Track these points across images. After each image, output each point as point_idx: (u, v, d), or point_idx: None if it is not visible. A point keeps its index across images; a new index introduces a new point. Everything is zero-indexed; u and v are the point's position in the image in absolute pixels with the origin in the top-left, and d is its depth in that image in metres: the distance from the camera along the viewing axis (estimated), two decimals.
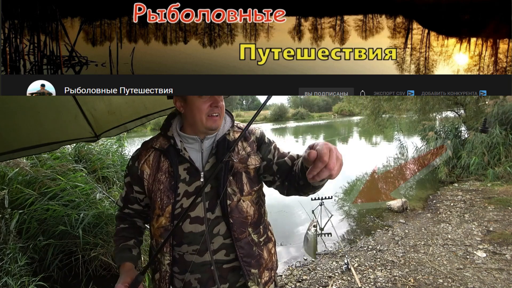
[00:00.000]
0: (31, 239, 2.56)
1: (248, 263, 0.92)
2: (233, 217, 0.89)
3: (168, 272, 0.92)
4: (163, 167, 0.92)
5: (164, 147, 0.93)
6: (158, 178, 0.92)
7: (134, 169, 0.97)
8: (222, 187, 0.88)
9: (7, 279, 2.03)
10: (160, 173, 0.92)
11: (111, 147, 4.55)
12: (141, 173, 0.94)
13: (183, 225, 0.88)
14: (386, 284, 2.49)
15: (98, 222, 2.83)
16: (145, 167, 0.94)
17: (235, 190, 0.91)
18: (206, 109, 0.88)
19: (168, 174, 0.91)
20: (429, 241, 3.21)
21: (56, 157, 3.28)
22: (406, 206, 4.31)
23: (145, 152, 0.97)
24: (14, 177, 2.77)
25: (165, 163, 0.92)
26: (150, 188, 0.93)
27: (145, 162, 0.95)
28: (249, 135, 0.99)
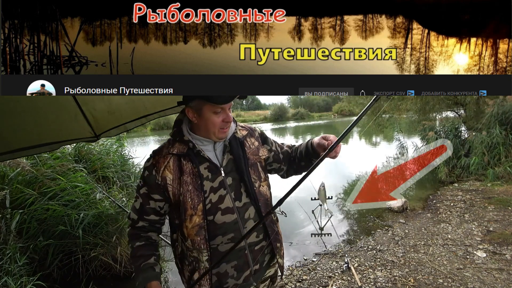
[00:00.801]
0: (31, 239, 2.56)
1: (276, 239, 1.09)
2: (260, 200, 1.03)
3: (207, 268, 0.98)
4: (186, 169, 0.97)
5: (184, 151, 0.97)
6: (184, 180, 0.96)
7: (152, 178, 0.97)
8: (247, 177, 1.00)
9: (6, 279, 2.03)
10: (185, 176, 0.96)
11: (111, 147, 4.55)
12: (163, 179, 0.96)
13: (215, 218, 0.97)
14: (386, 284, 2.49)
15: (98, 222, 2.83)
16: (167, 173, 0.97)
17: (255, 178, 1.04)
18: (219, 124, 0.95)
19: (193, 175, 0.96)
20: (429, 241, 3.21)
21: (56, 157, 3.27)
22: (406, 206, 4.31)
23: (162, 159, 0.98)
24: (14, 177, 2.76)
25: (187, 165, 0.97)
26: (177, 191, 0.96)
27: (165, 168, 0.97)
28: (253, 131, 1.12)
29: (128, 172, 4.31)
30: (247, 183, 1.00)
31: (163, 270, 3.08)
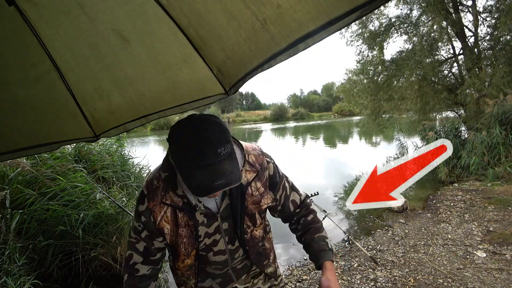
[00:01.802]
0: (31, 239, 2.56)
1: (259, 258, 1.07)
2: (249, 245, 0.99)
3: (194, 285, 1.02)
4: (182, 222, 0.90)
5: (179, 204, 0.87)
6: (179, 233, 0.91)
7: (150, 225, 0.89)
8: (239, 226, 0.94)
9: (6, 279, 2.03)
10: (180, 229, 0.90)
11: (111, 147, 4.55)
12: (160, 229, 0.90)
13: (207, 255, 0.97)
14: (386, 284, 2.49)
15: (98, 222, 2.84)
16: (164, 223, 0.89)
17: (249, 224, 0.97)
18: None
19: (189, 227, 0.90)
20: (429, 241, 3.21)
21: (56, 157, 3.28)
22: (406, 206, 4.31)
23: (158, 208, 0.88)
24: (14, 177, 2.76)
25: (183, 219, 0.89)
26: (173, 240, 0.92)
27: (162, 219, 0.89)
28: (262, 172, 0.95)
29: (128, 172, 4.31)
30: (240, 230, 0.95)
31: (163, 270, 3.08)
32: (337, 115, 43.45)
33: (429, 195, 5.04)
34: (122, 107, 1.28)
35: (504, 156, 5.23)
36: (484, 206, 4.05)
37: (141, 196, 0.90)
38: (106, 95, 1.24)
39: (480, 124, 5.95)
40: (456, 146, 6.23)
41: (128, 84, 1.20)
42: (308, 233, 1.04)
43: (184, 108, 1.23)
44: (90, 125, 1.33)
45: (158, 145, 16.26)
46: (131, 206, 3.33)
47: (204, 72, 1.08)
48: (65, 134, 1.38)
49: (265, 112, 46.95)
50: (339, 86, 11.15)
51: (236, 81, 1.03)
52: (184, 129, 0.73)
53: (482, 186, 4.96)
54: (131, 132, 24.75)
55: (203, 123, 0.73)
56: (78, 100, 1.25)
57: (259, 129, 26.37)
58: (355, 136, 16.24)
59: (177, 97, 1.21)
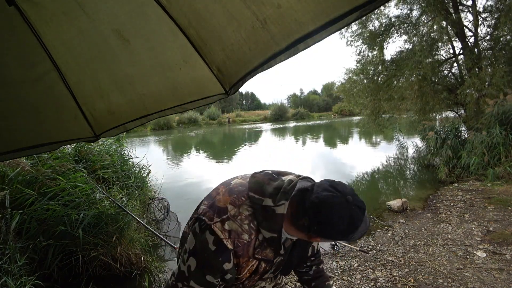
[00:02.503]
0: (31, 239, 2.56)
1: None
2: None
3: None
4: (261, 270, 0.86)
5: (271, 258, 0.84)
6: (252, 277, 0.88)
7: (231, 279, 0.82)
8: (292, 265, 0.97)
9: (6, 279, 2.03)
10: (257, 276, 0.88)
11: (111, 147, 4.55)
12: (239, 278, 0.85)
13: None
14: (386, 284, 2.49)
15: (98, 222, 2.83)
16: (246, 274, 0.84)
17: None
18: None
19: (260, 275, 0.89)
20: (429, 241, 3.21)
21: (56, 157, 3.28)
22: (406, 206, 4.31)
23: (246, 262, 0.81)
24: (14, 177, 2.76)
25: (265, 267, 0.87)
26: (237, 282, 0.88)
27: (247, 271, 0.83)
28: None
29: (128, 172, 4.32)
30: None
31: (163, 270, 3.08)
32: (337, 115, 43.46)
33: (429, 195, 5.04)
34: (122, 107, 1.28)
35: (504, 156, 5.23)
36: (484, 206, 4.05)
37: (221, 251, 0.76)
38: (106, 95, 1.24)
39: (480, 124, 5.95)
40: (456, 146, 6.23)
41: (128, 84, 1.20)
42: (319, 280, 1.08)
43: (184, 108, 1.23)
44: (90, 125, 1.34)
45: (158, 145, 16.27)
46: (131, 206, 3.33)
47: (204, 72, 1.08)
48: (65, 134, 1.38)
49: (265, 112, 46.93)
50: (339, 86, 11.14)
51: (236, 81, 1.03)
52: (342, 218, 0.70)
53: (482, 186, 4.96)
54: (131, 132, 24.76)
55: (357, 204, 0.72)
56: (78, 100, 1.25)
57: (259, 129, 26.38)
58: (355, 136, 16.24)
59: (177, 97, 1.21)
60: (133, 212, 3.22)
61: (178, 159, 11.12)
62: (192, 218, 0.87)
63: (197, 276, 0.79)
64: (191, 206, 4.42)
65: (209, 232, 0.77)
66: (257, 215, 0.78)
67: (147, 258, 3.04)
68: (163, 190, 5.18)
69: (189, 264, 0.79)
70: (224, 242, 0.76)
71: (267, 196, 0.78)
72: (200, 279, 0.79)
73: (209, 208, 0.81)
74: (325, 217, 0.69)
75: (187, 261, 0.80)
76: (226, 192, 0.84)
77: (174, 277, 0.85)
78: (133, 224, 3.19)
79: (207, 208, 0.82)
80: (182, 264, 0.82)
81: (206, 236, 0.77)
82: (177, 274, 0.83)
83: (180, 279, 0.82)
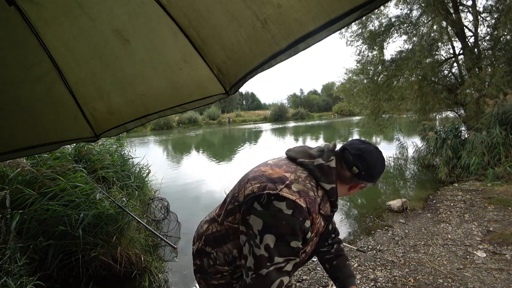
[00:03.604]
0: (31, 239, 2.56)
1: None
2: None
3: None
4: (320, 230, 0.94)
5: (328, 213, 0.92)
6: (314, 241, 0.95)
7: (306, 232, 0.83)
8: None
9: (6, 279, 2.03)
10: (316, 238, 0.95)
11: (111, 147, 4.55)
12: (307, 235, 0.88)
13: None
14: (386, 284, 2.49)
15: (98, 222, 2.83)
16: (312, 232, 0.88)
17: None
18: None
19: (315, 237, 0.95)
20: (429, 241, 3.21)
21: (56, 157, 3.27)
22: (406, 206, 4.31)
23: (315, 216, 0.86)
24: (14, 177, 2.76)
25: (321, 227, 0.94)
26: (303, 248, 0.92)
27: (314, 226, 0.88)
28: None
29: (128, 172, 4.31)
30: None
31: (163, 270, 3.08)
32: (337, 115, 43.47)
33: (429, 195, 5.04)
34: (122, 107, 1.28)
35: (504, 156, 5.23)
36: (484, 206, 4.05)
37: (299, 211, 0.80)
38: (106, 95, 1.24)
39: (480, 124, 5.95)
40: (456, 146, 6.23)
41: (128, 84, 1.20)
42: (340, 258, 1.15)
43: (184, 108, 1.23)
44: (90, 125, 1.33)
45: (158, 145, 16.27)
46: (131, 206, 3.33)
47: (204, 72, 1.08)
48: (65, 134, 1.38)
49: (265, 112, 46.95)
50: (339, 86, 11.14)
51: (237, 81, 1.03)
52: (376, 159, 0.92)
53: (482, 186, 4.96)
54: (131, 132, 24.77)
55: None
56: (78, 100, 1.25)
57: (259, 129, 26.38)
58: (355, 136, 16.24)
59: (177, 97, 1.21)
60: (133, 212, 3.22)
61: (178, 159, 11.12)
62: (232, 207, 0.90)
63: (281, 248, 0.79)
64: (191, 206, 4.42)
65: (277, 201, 0.79)
66: (314, 173, 0.88)
67: (147, 258, 3.04)
68: (163, 190, 5.18)
69: (266, 243, 0.79)
70: (298, 202, 0.80)
71: (316, 157, 0.91)
72: (284, 250, 0.79)
73: (267, 182, 0.84)
74: (370, 162, 0.89)
75: (262, 242, 0.79)
76: (274, 167, 0.90)
77: (252, 270, 0.81)
78: (133, 224, 3.19)
79: (264, 184, 0.84)
80: (255, 250, 0.80)
81: (275, 206, 0.79)
82: (254, 264, 0.80)
83: (261, 265, 0.80)
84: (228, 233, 0.92)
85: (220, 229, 0.94)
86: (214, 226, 0.97)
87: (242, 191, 0.89)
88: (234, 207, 0.90)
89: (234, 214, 0.90)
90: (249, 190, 0.86)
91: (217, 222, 0.96)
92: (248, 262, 0.82)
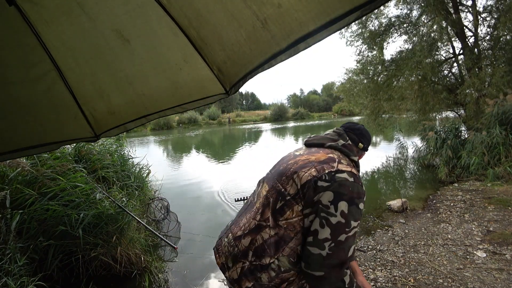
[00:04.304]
0: (31, 239, 2.56)
1: None
2: None
3: None
4: None
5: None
6: None
7: (365, 193, 0.94)
8: None
9: (6, 279, 2.03)
10: None
11: (111, 147, 4.55)
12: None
13: None
14: (386, 284, 2.49)
15: (98, 222, 2.83)
16: None
17: None
18: None
19: None
20: (429, 241, 3.21)
21: (56, 157, 3.27)
22: (406, 206, 4.31)
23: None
24: (14, 177, 2.76)
25: None
26: None
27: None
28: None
29: (128, 172, 4.31)
30: None
31: (163, 270, 3.08)
32: (337, 115, 43.46)
33: (429, 195, 5.03)
34: (122, 107, 1.28)
35: (504, 156, 5.23)
36: (484, 206, 4.05)
37: (357, 177, 0.93)
38: (106, 95, 1.24)
39: (480, 124, 5.95)
40: (456, 146, 6.23)
41: (128, 84, 1.20)
42: None
43: (184, 108, 1.23)
44: (90, 125, 1.33)
45: (158, 145, 16.26)
46: (131, 206, 3.33)
47: (204, 72, 1.08)
48: (65, 134, 1.38)
49: (265, 112, 46.93)
50: (339, 86, 11.14)
51: (237, 80, 1.03)
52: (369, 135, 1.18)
53: (482, 186, 4.96)
54: (131, 132, 24.76)
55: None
56: (78, 100, 1.25)
57: (259, 129, 26.38)
58: None
59: (177, 97, 1.21)
60: (133, 212, 3.22)
61: (178, 159, 11.12)
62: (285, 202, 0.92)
63: (353, 212, 0.86)
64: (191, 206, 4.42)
65: (339, 174, 0.90)
66: (344, 152, 1.05)
67: (147, 258, 3.04)
68: (163, 190, 5.18)
69: (341, 210, 0.85)
70: (353, 171, 0.94)
71: (337, 140, 1.08)
72: (356, 213, 0.87)
73: (322, 164, 0.94)
74: (367, 137, 1.16)
75: (337, 210, 0.85)
76: (312, 153, 1.02)
77: (329, 240, 0.84)
78: (133, 224, 3.19)
79: (319, 166, 0.93)
80: (331, 219, 0.84)
81: (339, 177, 0.89)
82: (331, 233, 0.84)
83: (339, 232, 0.84)
84: (288, 231, 0.90)
85: (277, 231, 0.91)
86: (266, 232, 0.92)
87: (293, 183, 0.92)
88: (288, 202, 0.91)
89: (291, 207, 0.90)
90: (306, 177, 0.90)
91: (268, 226, 0.92)
92: (322, 233, 0.84)
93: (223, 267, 1.01)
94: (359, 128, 1.16)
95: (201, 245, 3.57)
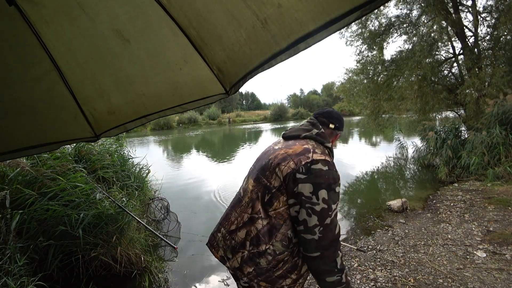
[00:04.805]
0: (31, 239, 2.56)
1: None
2: None
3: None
4: None
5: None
6: None
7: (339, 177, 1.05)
8: None
9: (6, 279, 2.03)
10: None
11: (111, 147, 4.55)
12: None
13: None
14: (386, 284, 2.49)
15: (98, 222, 2.83)
16: None
17: None
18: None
19: None
20: (429, 241, 3.21)
21: (56, 157, 3.27)
22: (406, 206, 4.31)
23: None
24: (14, 177, 2.76)
25: None
26: None
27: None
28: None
29: (128, 172, 4.31)
30: None
31: (163, 270, 3.08)
32: None
33: (429, 195, 5.03)
34: (122, 107, 1.28)
35: (504, 156, 5.23)
36: (484, 206, 4.05)
37: (331, 164, 1.03)
38: (106, 95, 1.24)
39: (480, 124, 5.95)
40: (456, 146, 6.23)
41: (128, 84, 1.20)
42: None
43: (184, 108, 1.23)
44: (90, 125, 1.33)
45: (158, 145, 16.26)
46: (131, 206, 3.33)
47: (204, 72, 1.08)
48: (65, 134, 1.38)
49: (265, 112, 46.91)
50: (339, 86, 11.13)
51: (237, 80, 1.03)
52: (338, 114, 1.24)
53: (482, 186, 4.96)
54: (131, 132, 24.75)
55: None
56: (78, 100, 1.25)
57: (259, 129, 26.38)
58: (355, 136, 16.25)
59: (177, 97, 1.21)
60: (133, 212, 3.22)
61: (178, 159, 11.12)
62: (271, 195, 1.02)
63: (332, 196, 0.98)
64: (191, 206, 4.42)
65: (314, 164, 0.99)
66: (318, 140, 1.12)
67: (147, 258, 3.04)
68: (163, 190, 5.18)
69: (322, 198, 0.96)
70: (327, 159, 1.03)
71: (311, 129, 1.15)
72: (334, 196, 0.98)
73: (298, 156, 1.02)
74: (337, 116, 1.22)
75: (319, 199, 0.96)
76: (290, 146, 1.08)
77: (318, 225, 0.96)
78: (133, 224, 3.19)
79: (296, 159, 1.01)
80: (315, 208, 0.96)
81: (315, 168, 0.98)
82: (319, 219, 0.96)
83: (325, 216, 0.96)
84: (278, 220, 1.02)
85: (269, 221, 1.03)
86: (259, 223, 1.03)
87: (276, 176, 1.02)
88: (274, 194, 1.01)
89: (277, 198, 1.01)
90: (286, 170, 1.00)
91: (260, 218, 1.03)
92: (311, 221, 0.96)
93: (223, 259, 1.11)
94: (327, 111, 1.23)
95: (201, 245, 3.57)
